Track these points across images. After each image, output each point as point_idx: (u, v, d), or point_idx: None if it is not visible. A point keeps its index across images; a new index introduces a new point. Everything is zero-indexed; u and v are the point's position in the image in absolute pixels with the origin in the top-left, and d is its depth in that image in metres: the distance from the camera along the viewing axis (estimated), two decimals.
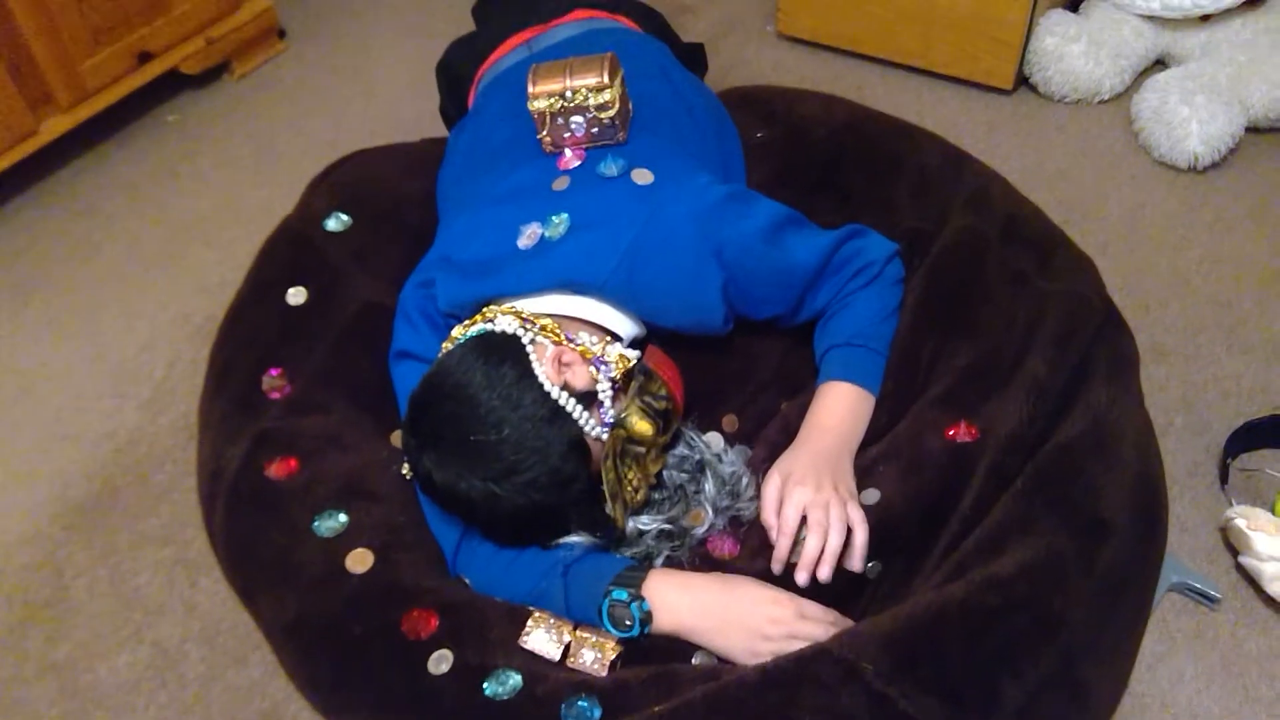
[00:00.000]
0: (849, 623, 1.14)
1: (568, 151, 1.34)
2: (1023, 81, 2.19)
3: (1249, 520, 1.39)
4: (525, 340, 1.16)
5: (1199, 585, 1.38)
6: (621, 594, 1.11)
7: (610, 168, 1.30)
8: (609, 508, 1.14)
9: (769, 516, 1.17)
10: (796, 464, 1.19)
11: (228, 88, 2.38)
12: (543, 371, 1.13)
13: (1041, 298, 1.34)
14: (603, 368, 1.18)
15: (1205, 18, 2.09)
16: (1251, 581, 1.40)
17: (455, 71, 1.68)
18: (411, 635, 1.11)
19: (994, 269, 1.38)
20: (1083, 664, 1.09)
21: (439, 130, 1.79)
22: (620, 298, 1.23)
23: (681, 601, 1.12)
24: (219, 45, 2.30)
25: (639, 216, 1.23)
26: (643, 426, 1.16)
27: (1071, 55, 2.09)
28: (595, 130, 1.32)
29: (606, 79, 1.29)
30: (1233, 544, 1.43)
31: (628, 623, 1.10)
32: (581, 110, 1.30)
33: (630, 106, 1.37)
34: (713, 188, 1.26)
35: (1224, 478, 1.51)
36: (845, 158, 1.58)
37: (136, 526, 1.57)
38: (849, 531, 1.14)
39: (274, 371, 1.37)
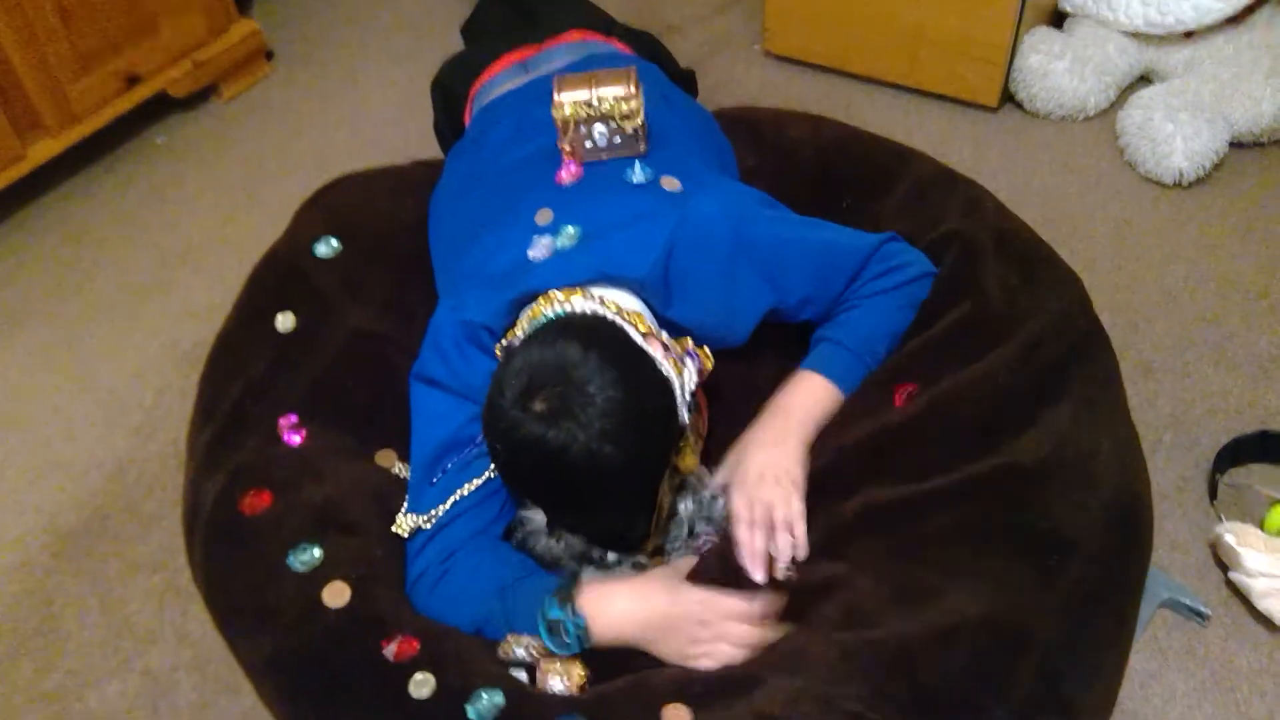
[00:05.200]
0: (774, 619, 1.16)
1: (563, 172, 1.35)
2: (1008, 99, 2.20)
3: (1238, 536, 1.40)
4: (620, 324, 1.15)
5: (1189, 602, 1.39)
6: (555, 611, 1.11)
7: (639, 175, 1.32)
8: (648, 524, 1.15)
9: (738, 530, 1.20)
10: (750, 466, 1.22)
11: (216, 110, 2.39)
12: (659, 356, 1.13)
13: (1021, 311, 1.35)
14: (690, 361, 1.17)
15: (1188, 34, 2.11)
16: (1242, 597, 1.40)
17: (450, 89, 1.68)
18: (393, 658, 1.11)
19: (985, 270, 1.39)
20: (1063, 681, 1.09)
21: (428, 152, 1.79)
22: (654, 292, 1.23)
23: (614, 612, 1.12)
24: (207, 68, 2.31)
25: (674, 214, 1.24)
26: (690, 460, 1.16)
27: (1056, 72, 2.10)
28: (618, 140, 1.34)
29: (633, 89, 1.32)
30: (1222, 560, 1.43)
31: (566, 639, 1.11)
32: (606, 119, 1.32)
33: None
34: (744, 189, 1.30)
35: (1213, 494, 1.51)
36: (834, 177, 1.58)
37: (126, 554, 1.57)
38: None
39: (292, 418, 1.36)
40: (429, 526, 1.21)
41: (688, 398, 1.15)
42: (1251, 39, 2.09)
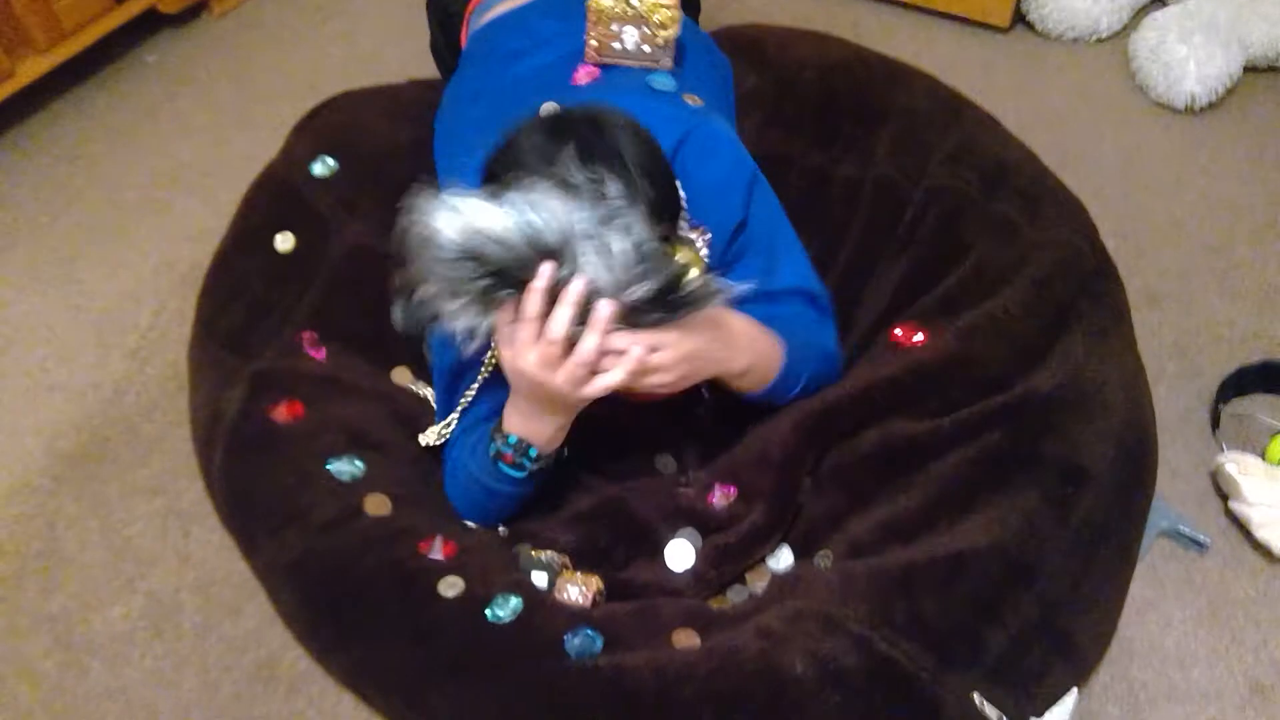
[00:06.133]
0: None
1: (580, 72, 1.34)
2: (1020, 19, 2.15)
3: (1239, 466, 1.40)
4: None
5: (1188, 531, 1.39)
6: (493, 447, 1.14)
7: (664, 83, 1.31)
8: None
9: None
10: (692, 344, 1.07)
11: (207, 26, 2.33)
12: None
13: (1028, 245, 1.34)
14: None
15: None
16: (1241, 527, 1.41)
17: (446, 8, 1.65)
18: (441, 556, 1.14)
19: (971, 226, 1.38)
20: (1065, 610, 1.10)
21: (423, 71, 1.75)
22: None
23: (519, 415, 1.12)
24: None
25: (686, 121, 1.23)
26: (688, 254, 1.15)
27: None
28: (646, 48, 1.33)
29: (674, 1, 1.30)
30: (1223, 489, 1.43)
31: (523, 460, 1.14)
32: (639, 22, 1.31)
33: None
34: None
35: (1215, 423, 1.51)
36: (835, 100, 1.56)
37: (127, 477, 1.57)
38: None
39: (309, 334, 1.35)
40: (449, 434, 1.24)
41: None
42: None
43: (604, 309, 0.97)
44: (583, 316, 0.98)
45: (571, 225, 0.96)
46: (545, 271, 0.96)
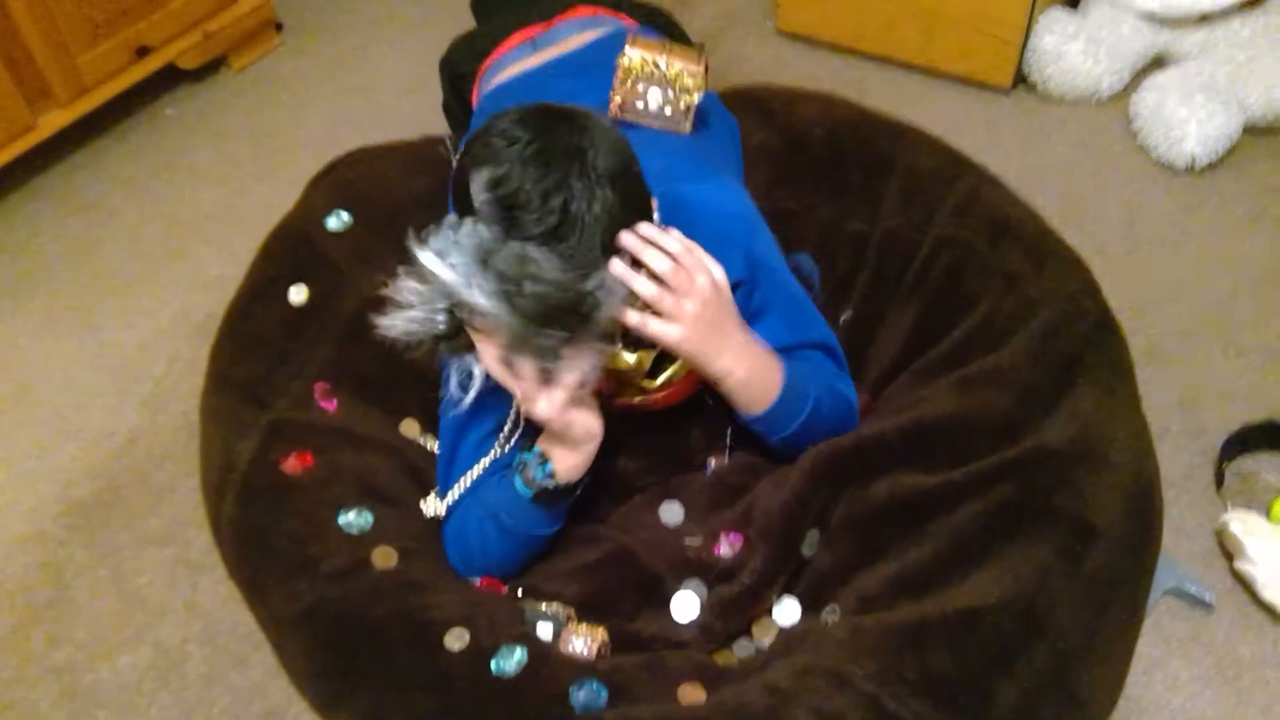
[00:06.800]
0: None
1: None
2: (1021, 80, 2.19)
3: (1244, 525, 1.40)
4: None
5: (1194, 589, 1.39)
6: (517, 459, 1.18)
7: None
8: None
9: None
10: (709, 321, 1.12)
11: (225, 82, 2.38)
12: None
13: (1032, 299, 1.35)
14: None
15: (1204, 17, 2.09)
16: (1246, 586, 1.41)
17: (458, 68, 1.68)
18: (483, 587, 1.17)
19: (976, 277, 1.40)
20: (1075, 666, 1.10)
21: (438, 126, 1.78)
22: None
23: (544, 439, 1.18)
24: (216, 39, 2.29)
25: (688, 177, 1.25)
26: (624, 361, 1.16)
27: (1070, 54, 2.09)
28: (668, 111, 1.35)
29: (701, 69, 1.34)
30: (1228, 549, 1.44)
31: (535, 474, 1.16)
32: (665, 84, 1.34)
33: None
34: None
35: (1220, 482, 1.52)
36: (842, 157, 1.58)
37: (138, 526, 1.58)
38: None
39: (321, 386, 1.38)
40: (454, 500, 1.25)
41: None
42: (1268, 22, 2.07)
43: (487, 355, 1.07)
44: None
45: (473, 278, 1.02)
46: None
